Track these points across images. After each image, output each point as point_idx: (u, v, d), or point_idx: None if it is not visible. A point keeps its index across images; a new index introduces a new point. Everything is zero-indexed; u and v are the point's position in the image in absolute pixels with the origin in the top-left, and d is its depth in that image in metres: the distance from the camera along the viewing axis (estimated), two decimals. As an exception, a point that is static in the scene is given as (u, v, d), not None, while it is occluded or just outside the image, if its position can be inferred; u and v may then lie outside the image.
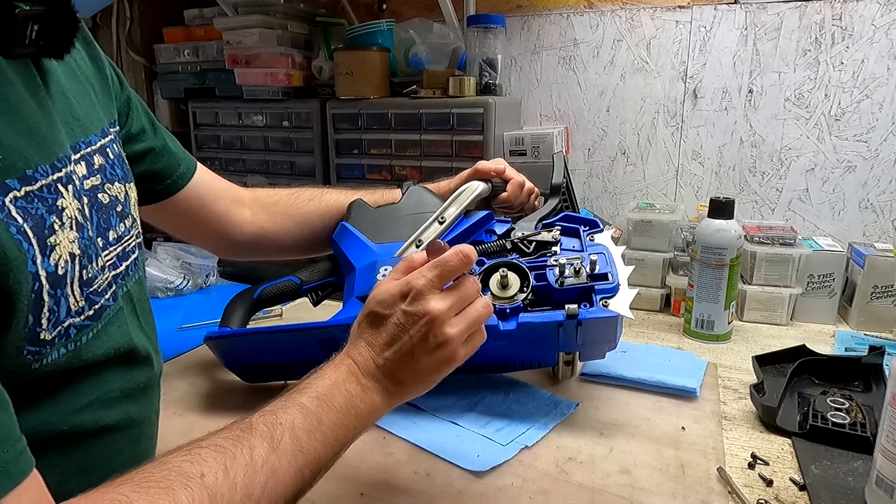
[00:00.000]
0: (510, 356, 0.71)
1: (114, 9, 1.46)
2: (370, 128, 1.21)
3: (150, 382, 0.54)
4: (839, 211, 1.13)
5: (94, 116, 0.51)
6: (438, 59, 1.23)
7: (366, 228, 0.78)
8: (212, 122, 1.38)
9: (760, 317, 1.01)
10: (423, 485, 0.58)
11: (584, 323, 0.63)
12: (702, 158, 1.20)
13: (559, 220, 0.79)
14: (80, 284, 0.43)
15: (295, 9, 1.31)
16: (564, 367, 0.73)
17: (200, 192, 0.74)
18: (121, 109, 0.62)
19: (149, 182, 0.68)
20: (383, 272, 0.70)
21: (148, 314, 0.57)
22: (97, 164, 0.49)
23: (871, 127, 1.08)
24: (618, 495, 0.56)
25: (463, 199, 0.77)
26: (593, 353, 0.72)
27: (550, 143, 1.13)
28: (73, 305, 0.42)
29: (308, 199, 0.84)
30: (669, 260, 1.08)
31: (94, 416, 0.46)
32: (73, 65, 0.51)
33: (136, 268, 0.55)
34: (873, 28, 1.04)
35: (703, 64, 1.16)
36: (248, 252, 0.83)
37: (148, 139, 0.66)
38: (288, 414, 0.45)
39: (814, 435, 0.64)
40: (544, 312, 0.65)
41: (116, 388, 0.49)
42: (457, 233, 0.75)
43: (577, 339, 0.65)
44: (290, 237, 0.84)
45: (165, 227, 0.77)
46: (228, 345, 0.75)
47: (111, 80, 0.60)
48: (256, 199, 0.83)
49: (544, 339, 0.66)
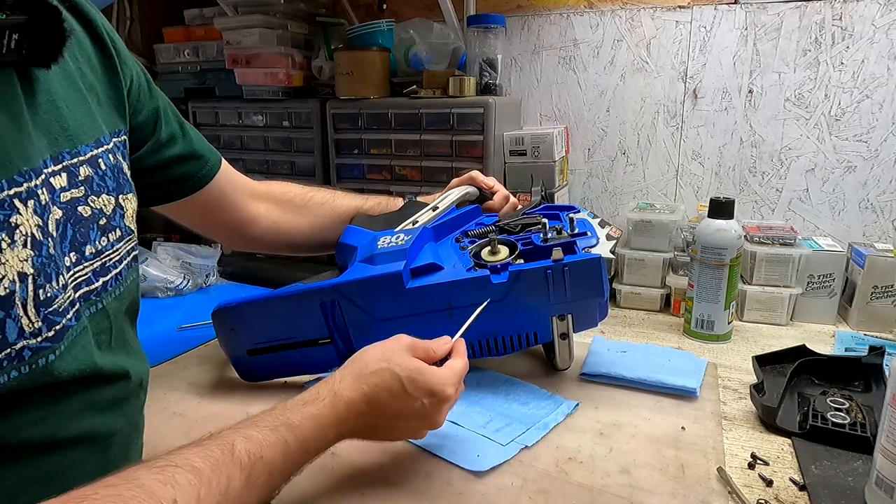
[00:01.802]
0: (505, 323, 0.72)
1: (114, 9, 1.46)
2: (370, 128, 1.21)
3: (123, 395, 0.53)
4: (839, 211, 1.13)
5: (90, 126, 0.50)
6: (438, 59, 1.23)
7: (367, 225, 0.84)
8: (212, 122, 1.38)
9: (760, 317, 1.01)
10: (423, 485, 0.58)
11: (569, 266, 0.68)
12: (702, 158, 1.20)
13: (540, 210, 0.87)
14: (36, 304, 0.41)
15: (295, 9, 1.31)
16: (561, 343, 0.74)
17: (223, 187, 0.76)
18: (148, 118, 0.63)
19: (175, 184, 0.70)
20: (383, 240, 0.76)
21: (126, 332, 0.55)
22: (82, 176, 0.48)
23: (871, 127, 1.08)
24: (618, 495, 0.56)
25: (454, 194, 0.87)
26: (585, 316, 0.73)
27: (550, 143, 1.13)
28: (28, 327, 0.40)
29: (321, 202, 0.88)
30: (669, 260, 1.08)
31: (49, 430, 0.44)
32: (75, 73, 0.51)
33: (117, 283, 0.52)
34: (873, 28, 1.04)
35: (703, 64, 1.16)
36: (260, 245, 0.85)
37: (177, 144, 0.68)
38: (271, 450, 0.45)
39: (814, 435, 0.64)
40: (532, 262, 0.71)
41: (78, 405, 0.47)
42: (447, 218, 0.83)
43: (567, 291, 0.69)
44: (300, 235, 0.86)
45: (184, 220, 0.78)
46: (236, 317, 0.75)
47: (135, 89, 0.60)
48: (270, 193, 0.85)
49: (535, 293, 0.70)
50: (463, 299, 0.70)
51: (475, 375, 0.78)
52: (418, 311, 0.72)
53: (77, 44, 0.52)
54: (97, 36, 0.55)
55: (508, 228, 0.80)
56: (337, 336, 0.74)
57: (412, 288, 0.71)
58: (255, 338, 0.76)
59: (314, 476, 0.59)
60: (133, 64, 0.61)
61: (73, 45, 0.51)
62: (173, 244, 1.26)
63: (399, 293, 0.71)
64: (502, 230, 0.80)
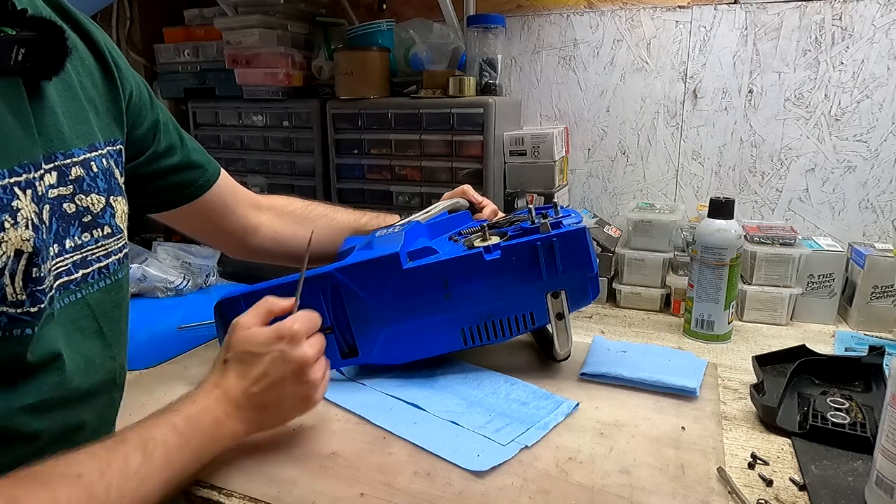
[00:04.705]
0: (500, 305, 0.74)
1: (114, 9, 1.46)
2: (370, 128, 1.21)
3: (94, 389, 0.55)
4: (839, 211, 1.13)
5: (84, 132, 0.54)
6: (438, 59, 1.23)
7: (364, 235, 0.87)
8: (212, 122, 1.38)
9: (760, 317, 1.01)
10: (423, 485, 0.58)
11: (557, 237, 0.71)
12: (702, 158, 1.20)
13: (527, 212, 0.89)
14: (25, 280, 0.45)
15: (295, 9, 1.31)
16: (558, 325, 0.75)
17: (223, 196, 0.79)
18: (148, 130, 0.67)
19: (172, 192, 0.73)
20: (381, 232, 0.81)
21: (114, 326, 0.58)
22: (73, 175, 0.52)
23: (871, 127, 1.08)
24: (618, 495, 0.56)
25: (444, 202, 0.92)
26: (578, 293, 0.75)
27: (550, 143, 1.13)
28: (10, 295, 0.44)
29: (321, 214, 0.92)
30: (669, 260, 1.08)
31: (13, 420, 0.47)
32: (76, 84, 0.55)
33: (100, 276, 0.56)
34: (873, 28, 1.04)
35: (703, 64, 1.16)
36: (262, 255, 0.88)
37: (175, 154, 0.71)
38: (160, 430, 0.50)
39: (814, 435, 0.64)
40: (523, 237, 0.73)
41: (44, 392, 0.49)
42: (440, 220, 0.86)
43: (558, 265, 0.72)
44: (300, 245, 0.88)
45: (186, 229, 0.81)
46: (239, 309, 0.74)
47: (134, 102, 0.64)
48: (272, 206, 0.89)
49: (528, 269, 0.73)
50: (458, 278, 0.73)
51: (475, 375, 0.79)
52: (415, 293, 0.74)
53: (79, 59, 0.57)
54: (99, 53, 0.59)
55: (499, 226, 0.82)
56: (336, 327, 0.75)
57: (409, 268, 0.73)
58: None
59: (314, 476, 0.59)
60: (134, 79, 0.65)
61: (75, 60, 0.56)
62: (173, 244, 1.26)
63: (397, 273, 0.73)
64: (493, 227, 0.82)
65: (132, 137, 0.64)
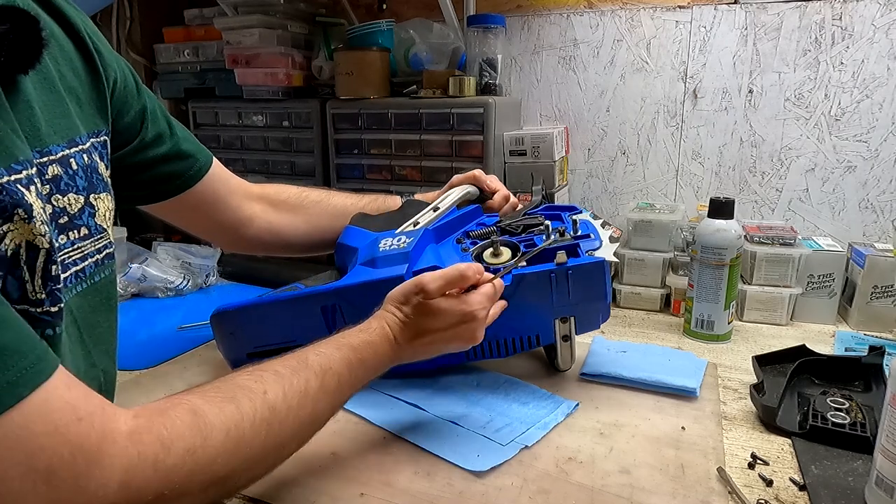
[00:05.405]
0: (508, 325, 0.72)
1: (114, 9, 1.46)
2: (370, 128, 1.21)
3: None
4: (839, 211, 1.13)
5: (63, 127, 0.51)
6: (438, 59, 1.23)
7: (367, 226, 0.83)
8: (212, 122, 1.38)
9: (760, 317, 1.01)
10: (423, 485, 0.58)
11: (573, 269, 0.69)
12: (702, 158, 1.20)
13: (541, 210, 0.87)
14: (45, 277, 0.43)
15: (295, 9, 1.31)
16: (563, 345, 0.74)
17: (215, 187, 0.76)
18: (135, 119, 0.64)
19: (161, 183, 0.70)
20: (384, 242, 0.77)
21: (97, 330, 0.56)
22: (50, 175, 0.49)
23: (871, 127, 1.08)
24: (618, 495, 0.56)
25: (455, 194, 0.87)
26: (588, 318, 0.74)
27: (550, 143, 1.13)
28: (31, 293, 0.43)
29: (316, 200, 0.88)
30: (669, 260, 1.08)
31: None
32: (54, 75, 0.51)
33: (77, 280, 0.53)
34: (873, 28, 1.04)
35: (703, 64, 1.16)
36: (257, 247, 0.85)
37: (164, 144, 0.68)
38: (338, 364, 0.54)
39: (814, 435, 0.64)
40: (536, 265, 0.70)
41: None
42: (448, 219, 0.82)
43: (570, 294, 0.70)
44: (296, 235, 0.86)
45: (178, 222, 0.78)
46: (236, 321, 0.75)
47: (119, 89, 0.61)
48: (265, 195, 0.85)
49: (539, 296, 0.70)
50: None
51: (475, 376, 0.79)
52: None
53: (58, 47, 0.53)
54: (79, 39, 0.56)
55: (510, 229, 0.80)
56: None
57: None
58: (255, 341, 0.75)
59: (314, 476, 0.59)
60: (118, 65, 0.61)
61: (53, 49, 0.52)
62: (173, 244, 1.26)
63: None
64: (504, 231, 0.80)
65: (118, 127, 0.61)
